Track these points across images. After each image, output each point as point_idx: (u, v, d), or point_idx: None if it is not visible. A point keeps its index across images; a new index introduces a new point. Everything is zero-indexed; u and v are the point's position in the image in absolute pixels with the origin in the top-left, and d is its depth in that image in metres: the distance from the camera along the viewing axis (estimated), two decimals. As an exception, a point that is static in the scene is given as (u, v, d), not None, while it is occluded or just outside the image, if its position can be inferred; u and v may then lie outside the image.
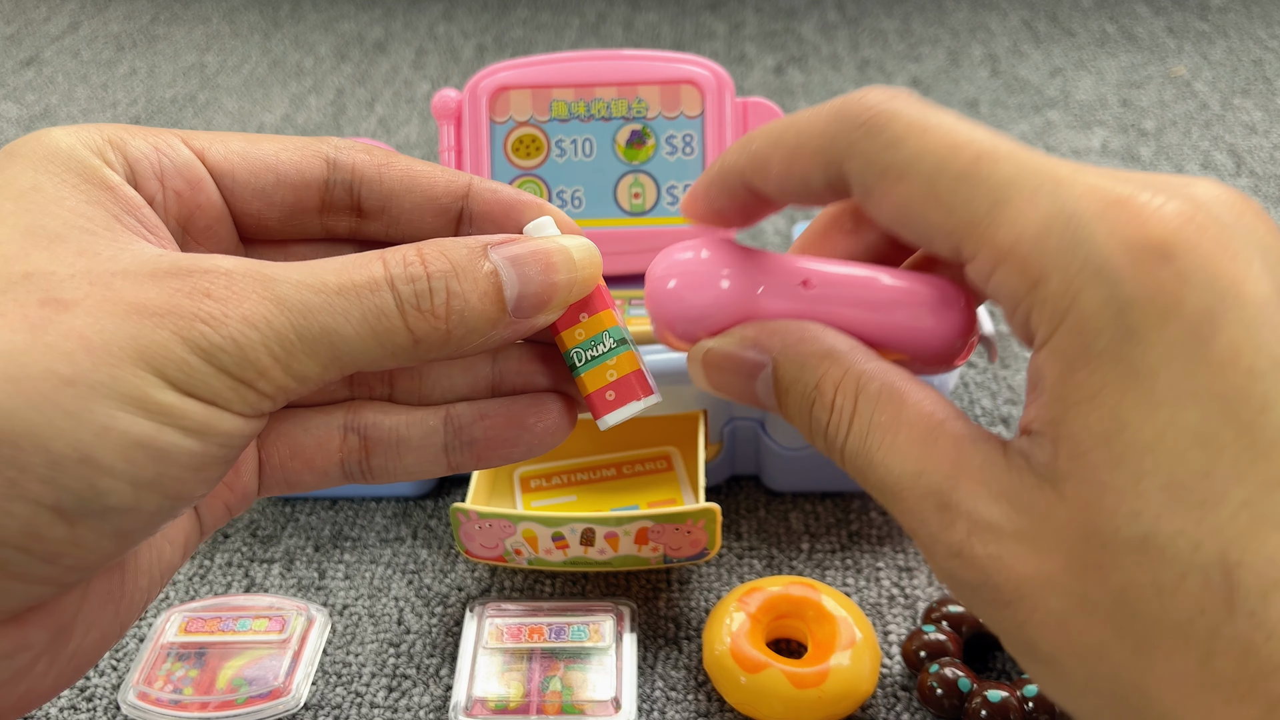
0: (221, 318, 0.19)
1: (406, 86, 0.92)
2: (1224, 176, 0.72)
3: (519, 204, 0.25)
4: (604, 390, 0.25)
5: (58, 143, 0.21)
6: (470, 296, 0.22)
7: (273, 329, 0.19)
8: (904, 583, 0.44)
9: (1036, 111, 0.82)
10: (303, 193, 0.24)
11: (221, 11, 1.09)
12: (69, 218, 0.20)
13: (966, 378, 0.55)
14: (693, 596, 0.44)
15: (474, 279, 0.22)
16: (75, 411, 0.17)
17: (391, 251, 0.22)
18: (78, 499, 0.17)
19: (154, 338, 0.18)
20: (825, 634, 0.39)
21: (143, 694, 0.39)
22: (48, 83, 0.94)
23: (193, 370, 0.18)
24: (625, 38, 0.99)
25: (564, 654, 0.39)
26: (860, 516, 0.47)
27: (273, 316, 0.19)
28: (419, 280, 0.21)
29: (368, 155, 0.25)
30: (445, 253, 0.22)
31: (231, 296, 0.19)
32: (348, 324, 0.20)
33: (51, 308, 0.18)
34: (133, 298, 0.18)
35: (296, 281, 0.20)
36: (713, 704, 0.39)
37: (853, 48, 0.96)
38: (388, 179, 0.25)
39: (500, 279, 0.22)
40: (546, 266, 0.23)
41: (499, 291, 0.22)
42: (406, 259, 0.21)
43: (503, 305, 0.22)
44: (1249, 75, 0.86)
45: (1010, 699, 0.36)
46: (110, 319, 0.18)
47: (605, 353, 0.25)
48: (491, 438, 0.25)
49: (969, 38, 0.96)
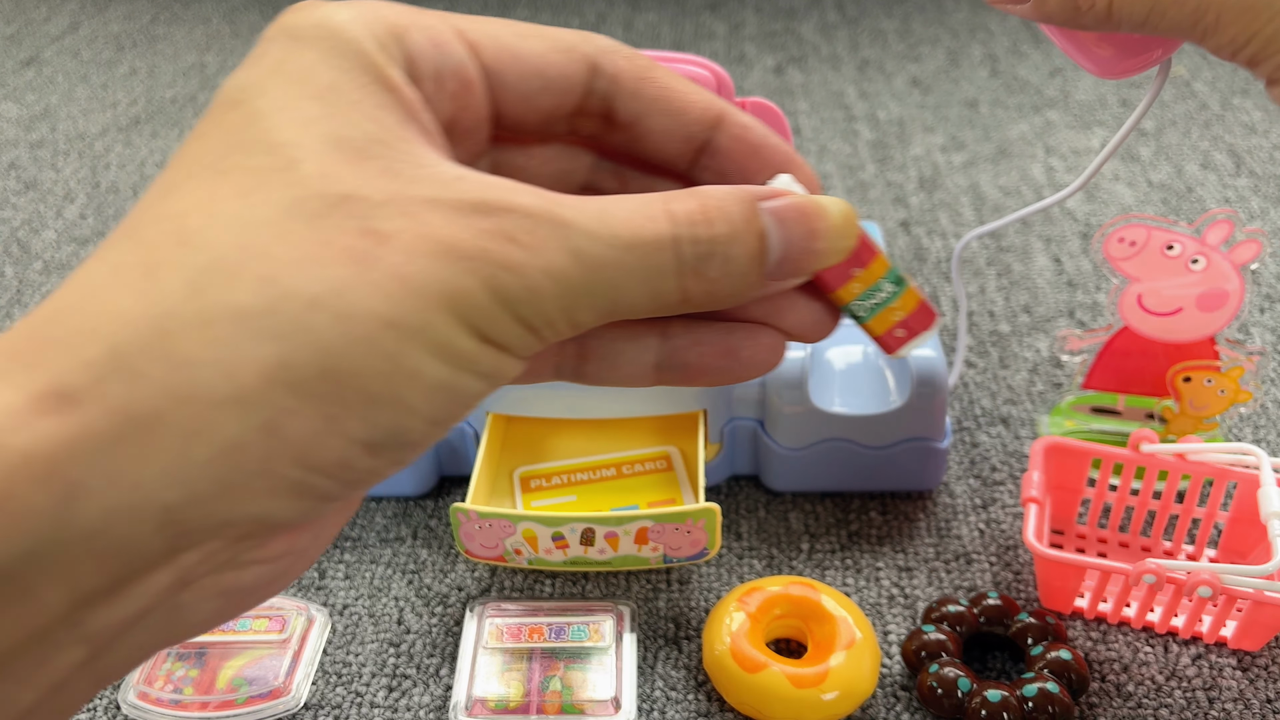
0: (523, 266, 0.19)
1: (406, 86, 0.91)
2: (1223, 177, 0.72)
3: (765, 147, 0.24)
4: (893, 329, 0.26)
5: (345, 29, 0.20)
6: (741, 260, 0.21)
7: (567, 282, 0.19)
8: (904, 583, 0.44)
9: (1036, 111, 0.82)
10: (562, 98, 0.23)
11: (221, 12, 1.09)
12: (368, 126, 0.20)
13: (966, 378, 0.55)
14: (693, 596, 0.44)
15: (746, 241, 0.21)
16: (393, 354, 0.18)
17: (678, 203, 0.21)
18: (386, 435, 0.18)
19: (463, 284, 0.18)
20: (825, 634, 0.39)
21: (143, 694, 0.39)
22: (48, 83, 0.94)
23: (494, 319, 0.19)
24: (625, 38, 0.99)
25: (564, 654, 0.39)
26: (860, 516, 0.47)
27: (568, 269, 0.19)
28: (702, 243, 0.21)
29: (629, 63, 0.24)
30: (725, 212, 0.21)
31: (534, 243, 0.19)
32: (631, 280, 0.20)
33: (371, 239, 0.18)
34: (443, 234, 0.18)
35: (591, 232, 0.20)
36: (713, 704, 0.39)
37: (852, 48, 0.96)
38: (644, 94, 0.24)
39: (767, 241, 0.22)
40: (810, 233, 0.22)
41: (764, 254, 0.22)
42: (693, 217, 0.21)
43: (763, 268, 0.22)
44: (1248, 75, 0.86)
45: (1010, 699, 0.36)
46: (424, 258, 0.18)
47: (887, 298, 0.25)
48: (704, 364, 0.25)
49: (969, 38, 0.96)
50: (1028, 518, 0.41)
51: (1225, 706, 0.38)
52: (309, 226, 0.18)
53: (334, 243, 0.18)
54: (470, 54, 0.22)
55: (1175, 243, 0.43)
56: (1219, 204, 0.69)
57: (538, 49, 0.23)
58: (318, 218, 0.18)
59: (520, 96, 0.23)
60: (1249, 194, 0.70)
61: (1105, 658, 0.40)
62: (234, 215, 0.18)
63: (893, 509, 0.48)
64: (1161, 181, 0.72)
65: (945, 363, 0.46)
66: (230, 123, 0.19)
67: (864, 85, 0.89)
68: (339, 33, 0.20)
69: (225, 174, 0.19)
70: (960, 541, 0.46)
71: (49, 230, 0.72)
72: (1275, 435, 0.51)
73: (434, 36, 0.21)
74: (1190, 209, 0.69)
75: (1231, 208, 0.60)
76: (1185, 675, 0.40)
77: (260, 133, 0.19)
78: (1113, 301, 0.45)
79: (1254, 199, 0.69)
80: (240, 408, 0.17)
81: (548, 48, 0.23)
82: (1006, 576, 0.44)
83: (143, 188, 0.77)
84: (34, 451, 0.16)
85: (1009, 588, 0.43)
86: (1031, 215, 0.42)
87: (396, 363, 0.18)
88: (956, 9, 1.02)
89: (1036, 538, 0.40)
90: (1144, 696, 0.39)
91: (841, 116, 0.83)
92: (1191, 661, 0.40)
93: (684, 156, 0.25)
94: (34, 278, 0.67)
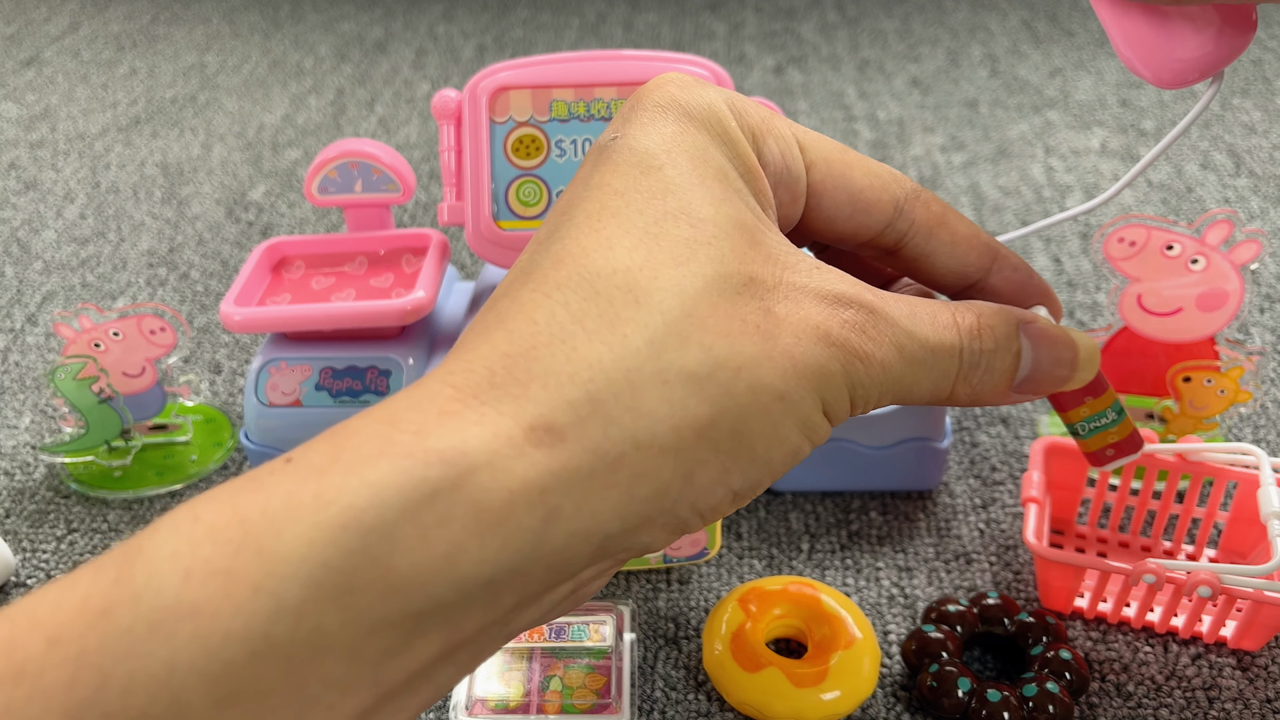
0: (869, 357, 0.22)
1: (407, 87, 0.92)
2: (1223, 176, 0.72)
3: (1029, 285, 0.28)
4: (1104, 450, 0.31)
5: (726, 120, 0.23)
6: (998, 372, 0.24)
7: (890, 372, 0.22)
8: (903, 582, 0.44)
9: (1036, 112, 0.82)
10: (865, 230, 0.26)
11: (222, 12, 1.09)
12: (750, 214, 0.22)
13: (966, 378, 0.55)
14: (693, 596, 0.44)
15: (1005, 358, 0.24)
16: (777, 422, 0.21)
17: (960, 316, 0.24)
18: (750, 486, 0.21)
19: (830, 368, 0.21)
20: (825, 633, 0.39)
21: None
22: (48, 83, 0.94)
23: (840, 399, 0.22)
24: (625, 38, 0.99)
25: (564, 654, 0.39)
26: (860, 516, 0.47)
27: (893, 364, 0.22)
28: (976, 354, 0.24)
29: (927, 211, 0.26)
30: (994, 329, 0.24)
31: (877, 337, 0.22)
32: (927, 377, 0.23)
33: (771, 321, 0.21)
34: (818, 321, 0.21)
35: (910, 332, 0.23)
36: (713, 704, 0.39)
37: (852, 48, 0.96)
38: (936, 239, 0.27)
39: (1020, 360, 0.25)
40: (1057, 360, 0.25)
41: (1015, 371, 0.25)
42: (973, 331, 0.24)
43: (1011, 381, 0.25)
44: (1248, 75, 0.86)
45: (1009, 699, 0.36)
46: (807, 342, 0.21)
47: (1107, 424, 0.30)
48: None
49: (969, 38, 0.96)
50: (1027, 517, 0.41)
51: (1225, 706, 0.38)
52: (730, 302, 0.21)
53: (747, 320, 0.21)
54: (804, 172, 0.25)
55: (1175, 243, 0.44)
56: (1219, 204, 0.69)
57: (859, 182, 0.26)
58: (735, 294, 0.21)
59: (829, 218, 0.26)
60: (1249, 194, 0.70)
61: (1105, 658, 0.40)
62: (675, 283, 0.21)
63: (893, 509, 0.48)
64: (1161, 182, 0.72)
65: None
66: (648, 186, 0.22)
67: (864, 85, 0.89)
68: (722, 120, 0.23)
69: (659, 240, 0.21)
70: (960, 541, 0.46)
71: (49, 230, 0.72)
72: (1275, 435, 0.51)
73: (783, 149, 0.24)
74: (1190, 209, 0.69)
75: (1231, 208, 0.60)
76: (1185, 675, 0.40)
77: (681, 204, 0.22)
78: (1112, 301, 0.45)
79: (1254, 199, 0.69)
80: (676, 457, 0.20)
81: (866, 182, 0.26)
82: (1006, 576, 0.44)
83: (143, 188, 0.77)
84: (530, 479, 0.19)
85: (1009, 588, 0.43)
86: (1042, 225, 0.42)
87: (776, 429, 0.21)
88: (956, 9, 1.02)
89: (1036, 537, 0.40)
90: (1144, 696, 0.39)
91: (841, 117, 0.83)
92: (1191, 661, 0.40)
93: (954, 289, 0.28)
94: (34, 278, 0.67)
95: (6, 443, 0.53)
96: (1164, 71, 0.28)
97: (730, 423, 0.20)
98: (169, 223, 0.72)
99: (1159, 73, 0.29)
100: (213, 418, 0.54)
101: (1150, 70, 0.29)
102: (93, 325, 0.48)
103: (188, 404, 0.54)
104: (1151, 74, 0.29)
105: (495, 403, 0.19)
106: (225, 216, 0.73)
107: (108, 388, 0.49)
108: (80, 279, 0.66)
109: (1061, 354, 0.25)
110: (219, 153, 0.82)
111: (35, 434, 0.54)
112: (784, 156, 0.24)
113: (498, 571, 0.18)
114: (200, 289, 0.65)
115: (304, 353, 0.46)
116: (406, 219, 0.72)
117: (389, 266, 0.49)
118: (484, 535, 0.18)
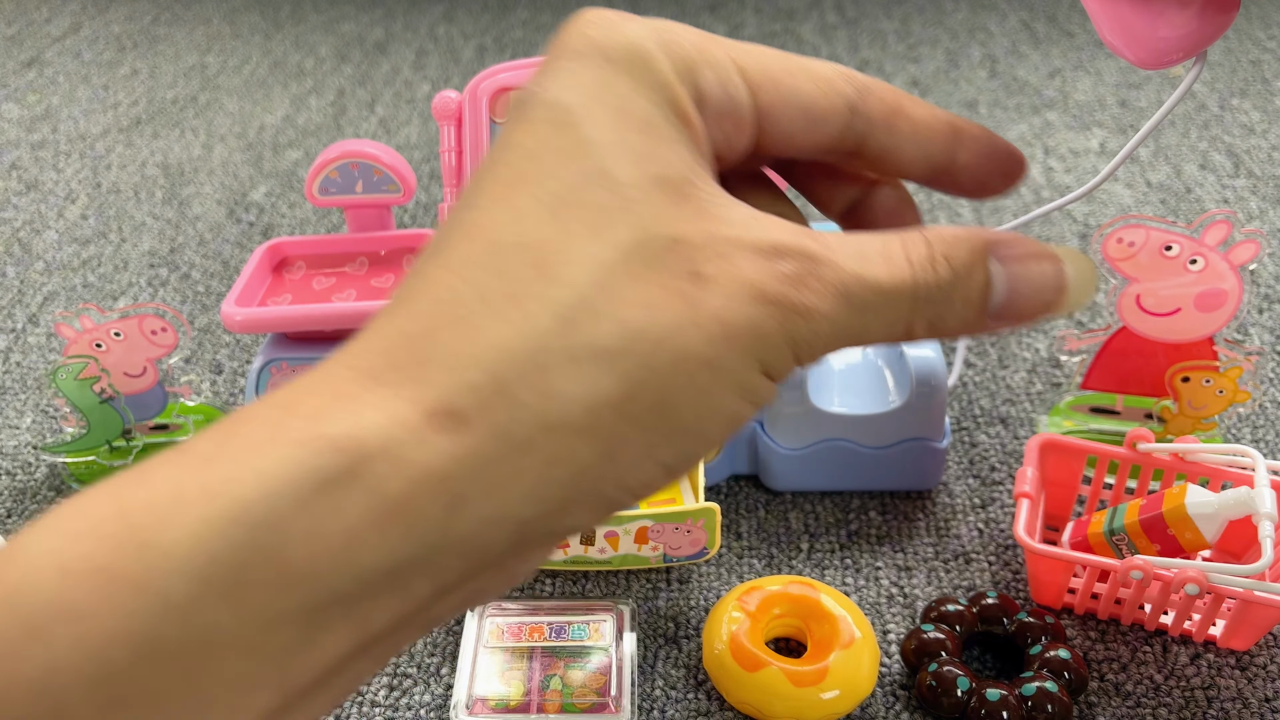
0: (811, 311, 0.20)
1: (407, 87, 0.92)
2: (1222, 176, 0.72)
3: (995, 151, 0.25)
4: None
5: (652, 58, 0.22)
6: (961, 302, 0.23)
7: (838, 323, 0.21)
8: (903, 582, 0.44)
9: (1035, 112, 0.82)
10: (821, 138, 0.24)
11: (223, 13, 1.09)
12: (680, 166, 0.21)
13: (965, 378, 0.55)
14: (693, 596, 0.44)
15: (969, 287, 0.22)
16: (706, 391, 0.20)
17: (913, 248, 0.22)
18: (684, 460, 0.20)
19: (766, 327, 0.20)
20: (824, 633, 0.39)
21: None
22: (49, 83, 0.94)
23: (781, 356, 0.20)
24: (625, 39, 0.99)
25: (564, 653, 0.40)
26: (860, 516, 0.47)
27: (841, 312, 0.21)
28: (930, 288, 0.22)
29: (881, 102, 0.24)
30: (951, 259, 0.22)
31: (819, 287, 0.21)
32: (878, 321, 0.22)
33: (695, 283, 0.20)
34: (751, 277, 0.20)
35: (858, 275, 0.21)
36: (712, 703, 0.39)
37: (852, 49, 0.96)
38: (896, 130, 0.25)
39: (990, 290, 0.23)
40: (1040, 286, 0.23)
41: (985, 301, 0.23)
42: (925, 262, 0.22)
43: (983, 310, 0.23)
44: (1247, 76, 0.87)
45: (1008, 698, 0.36)
46: (739, 301, 0.20)
47: None
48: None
49: (968, 39, 0.96)
50: (1019, 512, 0.41)
51: (1224, 706, 0.39)
52: (649, 269, 0.20)
53: (668, 285, 0.20)
54: (749, 96, 0.23)
55: (1174, 243, 0.44)
56: (1217, 204, 0.69)
57: (808, 90, 0.24)
58: (655, 260, 0.20)
59: (785, 135, 0.24)
60: (1247, 194, 0.70)
61: (1104, 657, 0.40)
62: (588, 254, 0.20)
63: (892, 509, 0.48)
64: (1160, 182, 0.72)
65: (944, 363, 0.46)
66: (562, 147, 0.21)
67: (863, 86, 0.89)
68: (648, 61, 0.22)
69: (572, 208, 0.20)
70: (959, 541, 0.46)
71: (50, 231, 0.72)
72: (1273, 435, 0.51)
73: (721, 78, 0.23)
74: (1189, 209, 0.69)
75: (1230, 208, 0.60)
76: (1184, 675, 0.40)
77: (598, 166, 0.21)
78: (1111, 302, 0.46)
79: (1252, 199, 0.70)
80: (592, 437, 0.19)
81: (814, 88, 0.24)
82: (1005, 576, 0.44)
83: (144, 188, 0.77)
84: (432, 466, 0.18)
85: (1007, 587, 0.44)
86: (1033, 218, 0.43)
87: (707, 398, 0.20)
88: (955, 10, 1.03)
89: (1028, 533, 0.40)
90: (1143, 696, 0.39)
91: (841, 117, 0.84)
92: (1190, 661, 0.40)
93: (923, 177, 0.26)
94: (35, 278, 0.67)
95: (8, 443, 0.54)
96: (1146, 50, 0.29)
97: (652, 396, 0.19)
98: (170, 223, 0.72)
99: (1141, 52, 0.29)
100: (214, 418, 0.54)
101: (1132, 50, 0.29)
102: (94, 325, 0.48)
103: (189, 404, 0.54)
104: (1133, 54, 0.29)
105: (395, 385, 0.18)
106: (226, 217, 0.73)
107: (109, 388, 0.49)
108: (81, 279, 0.67)
109: (1044, 277, 0.23)
110: (220, 153, 0.82)
111: (37, 434, 0.54)
112: (724, 86, 0.22)
113: (401, 561, 0.18)
114: (201, 289, 0.65)
115: (305, 353, 0.46)
116: (407, 219, 0.72)
117: (390, 267, 0.49)
118: (384, 525, 0.18)
